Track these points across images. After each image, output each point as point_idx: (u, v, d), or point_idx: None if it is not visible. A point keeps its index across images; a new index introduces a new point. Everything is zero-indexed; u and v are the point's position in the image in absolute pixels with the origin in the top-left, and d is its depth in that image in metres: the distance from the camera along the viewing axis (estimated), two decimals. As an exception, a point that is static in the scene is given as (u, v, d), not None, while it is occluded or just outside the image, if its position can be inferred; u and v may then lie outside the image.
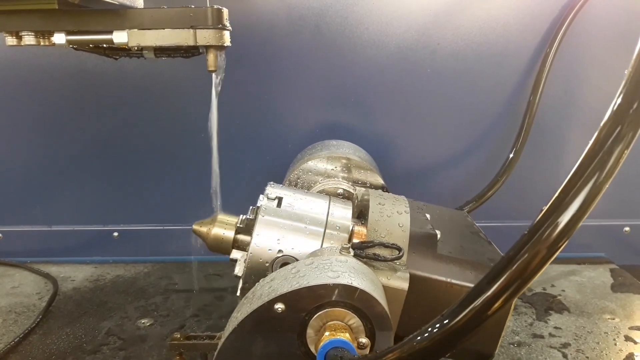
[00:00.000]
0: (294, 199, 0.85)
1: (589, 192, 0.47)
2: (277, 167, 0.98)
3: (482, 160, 1.40)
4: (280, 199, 0.84)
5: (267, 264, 0.78)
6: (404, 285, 0.72)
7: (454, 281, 0.76)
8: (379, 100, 1.37)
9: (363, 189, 0.97)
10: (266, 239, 0.78)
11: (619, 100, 0.46)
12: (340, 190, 1.01)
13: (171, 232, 1.47)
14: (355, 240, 0.80)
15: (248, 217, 0.85)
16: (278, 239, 0.78)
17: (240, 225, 0.84)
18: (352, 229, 0.82)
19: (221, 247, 0.84)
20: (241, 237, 0.83)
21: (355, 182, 1.05)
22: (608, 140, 0.47)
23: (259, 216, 0.80)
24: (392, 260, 0.73)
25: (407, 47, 1.34)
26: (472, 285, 0.57)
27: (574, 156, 1.54)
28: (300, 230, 0.80)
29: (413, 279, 0.73)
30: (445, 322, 0.52)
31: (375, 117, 1.39)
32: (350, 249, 0.73)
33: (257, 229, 0.79)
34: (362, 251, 0.73)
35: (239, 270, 0.81)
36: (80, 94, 1.39)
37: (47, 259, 1.47)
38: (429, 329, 0.53)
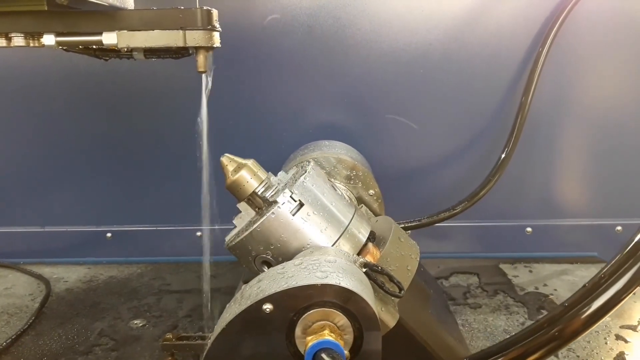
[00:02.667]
0: (326, 189, 0.84)
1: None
2: (270, 168, 0.98)
3: (474, 160, 1.40)
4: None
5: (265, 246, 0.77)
6: (392, 322, 0.73)
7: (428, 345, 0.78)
8: (372, 100, 1.38)
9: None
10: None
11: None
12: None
13: (165, 233, 1.47)
14: (366, 258, 0.77)
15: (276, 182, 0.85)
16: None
17: (265, 184, 0.83)
18: (367, 245, 0.82)
19: (236, 192, 0.83)
20: (262, 195, 0.82)
21: (347, 182, 1.05)
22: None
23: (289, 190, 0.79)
24: (392, 295, 0.72)
25: (400, 47, 1.34)
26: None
27: (566, 156, 1.55)
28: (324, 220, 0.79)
29: (398, 323, 0.74)
30: None
31: (368, 118, 1.39)
32: (363, 264, 0.72)
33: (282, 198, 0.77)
34: (372, 272, 0.72)
35: (238, 223, 0.83)
36: (73, 94, 1.39)
37: (40, 260, 1.47)
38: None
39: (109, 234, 1.47)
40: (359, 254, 0.81)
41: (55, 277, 1.37)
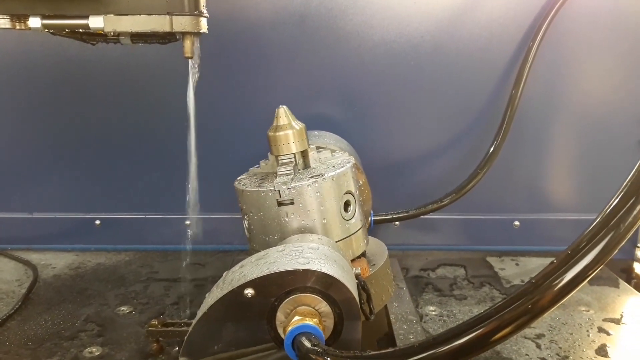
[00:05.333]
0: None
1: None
2: (260, 157, 0.99)
3: (464, 153, 1.40)
4: None
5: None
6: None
7: None
8: (362, 91, 1.38)
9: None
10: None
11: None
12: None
13: (153, 221, 1.47)
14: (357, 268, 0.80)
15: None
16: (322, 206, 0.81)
17: (289, 158, 0.87)
18: (363, 257, 0.88)
19: (270, 146, 0.88)
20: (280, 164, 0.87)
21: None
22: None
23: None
24: (363, 314, 0.72)
25: (391, 39, 1.34)
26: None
27: (554, 151, 1.56)
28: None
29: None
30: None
31: (359, 109, 1.39)
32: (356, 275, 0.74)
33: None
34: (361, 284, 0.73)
35: (262, 166, 0.90)
36: (62, 80, 1.38)
37: (28, 246, 1.47)
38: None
39: (97, 221, 1.47)
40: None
41: (43, 264, 1.37)
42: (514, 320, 0.51)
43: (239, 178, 0.92)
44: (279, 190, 0.80)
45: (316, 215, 0.81)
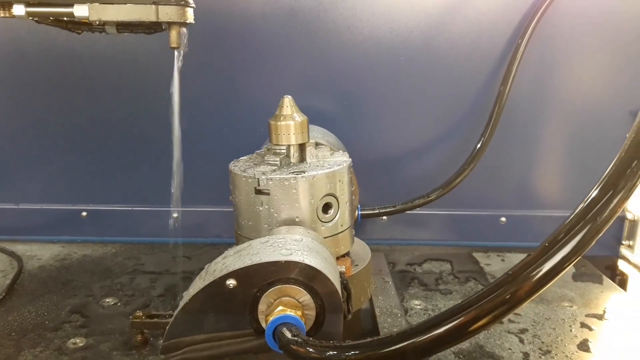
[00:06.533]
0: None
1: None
2: (248, 150, 0.99)
3: (453, 148, 1.41)
4: None
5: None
6: None
7: None
8: (352, 85, 1.38)
9: None
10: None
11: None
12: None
13: (140, 213, 1.46)
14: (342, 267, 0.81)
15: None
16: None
17: (282, 150, 0.88)
18: (347, 257, 0.90)
19: (272, 134, 0.89)
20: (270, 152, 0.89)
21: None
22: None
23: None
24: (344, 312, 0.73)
25: (381, 33, 1.34)
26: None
27: (542, 147, 1.56)
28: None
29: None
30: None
31: (347, 103, 1.39)
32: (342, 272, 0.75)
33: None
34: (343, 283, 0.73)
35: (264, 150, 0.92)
36: (49, 71, 1.37)
37: (13, 237, 1.45)
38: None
39: (84, 213, 1.46)
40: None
41: (28, 255, 1.36)
42: (492, 310, 0.52)
43: (241, 158, 0.95)
44: (258, 179, 0.81)
45: (289, 211, 0.81)
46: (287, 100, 0.89)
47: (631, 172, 0.50)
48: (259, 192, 0.81)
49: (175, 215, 1.41)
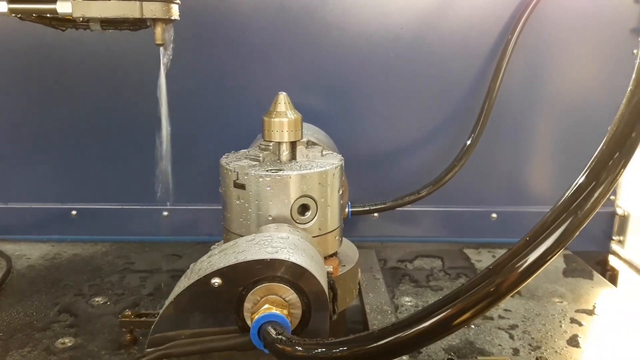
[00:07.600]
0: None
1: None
2: (237, 147, 0.98)
3: (443, 145, 1.41)
4: None
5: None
6: None
7: None
8: (342, 82, 1.37)
9: None
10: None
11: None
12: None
13: (130, 212, 1.45)
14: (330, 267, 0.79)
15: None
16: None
17: (270, 146, 0.88)
18: (335, 257, 0.90)
19: (265, 131, 0.89)
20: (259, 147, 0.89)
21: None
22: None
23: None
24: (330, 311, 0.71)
25: (371, 30, 1.34)
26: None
27: (532, 143, 1.56)
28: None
29: None
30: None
31: (338, 99, 1.38)
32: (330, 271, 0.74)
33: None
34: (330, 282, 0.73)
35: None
36: (36, 69, 1.36)
37: (2, 237, 1.44)
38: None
39: (74, 212, 1.45)
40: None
41: (17, 254, 1.35)
42: (476, 303, 0.51)
43: (240, 150, 0.96)
44: (237, 172, 0.81)
45: (262, 208, 0.81)
46: (282, 97, 0.88)
47: (613, 164, 0.50)
48: (236, 185, 0.82)
49: (165, 213, 1.41)
